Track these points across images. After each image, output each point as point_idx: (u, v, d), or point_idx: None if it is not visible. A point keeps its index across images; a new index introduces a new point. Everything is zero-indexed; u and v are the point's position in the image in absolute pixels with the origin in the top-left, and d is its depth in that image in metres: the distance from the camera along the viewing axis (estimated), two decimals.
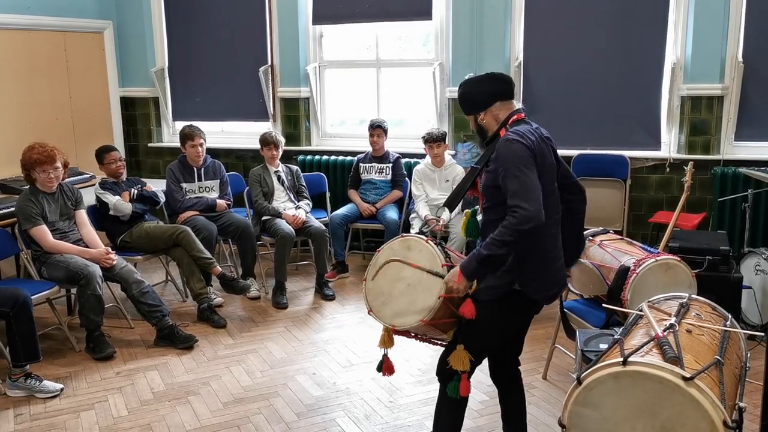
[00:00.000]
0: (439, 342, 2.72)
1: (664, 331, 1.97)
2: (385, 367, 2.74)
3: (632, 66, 5.25)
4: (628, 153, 5.29)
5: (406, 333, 2.61)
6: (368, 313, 2.59)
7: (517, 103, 2.54)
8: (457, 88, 2.65)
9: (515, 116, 2.45)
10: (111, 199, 4.58)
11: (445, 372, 2.53)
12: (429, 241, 2.55)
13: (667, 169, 5.24)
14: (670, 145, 5.29)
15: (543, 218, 2.25)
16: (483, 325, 2.44)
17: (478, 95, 2.50)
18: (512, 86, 2.52)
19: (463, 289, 2.39)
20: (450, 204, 2.71)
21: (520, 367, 2.80)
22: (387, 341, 2.64)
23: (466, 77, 2.59)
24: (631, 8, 5.19)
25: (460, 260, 2.47)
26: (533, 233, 2.26)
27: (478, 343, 2.49)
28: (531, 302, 2.50)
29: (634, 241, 3.56)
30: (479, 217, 2.58)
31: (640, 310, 2.25)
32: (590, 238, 3.60)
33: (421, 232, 2.76)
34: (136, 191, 4.71)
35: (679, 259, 3.22)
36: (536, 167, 2.32)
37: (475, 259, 2.34)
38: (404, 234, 2.70)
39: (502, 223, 2.28)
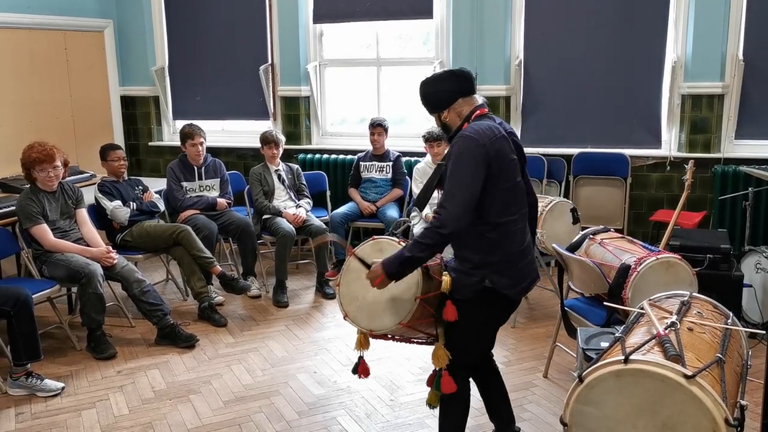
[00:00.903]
0: (417, 342, 2.71)
1: (666, 329, 1.97)
2: (361, 369, 2.72)
3: (633, 64, 5.25)
4: (628, 151, 5.28)
5: (383, 336, 2.58)
6: (344, 318, 2.57)
7: (480, 98, 2.53)
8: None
9: (478, 111, 2.46)
10: (108, 205, 4.58)
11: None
12: (401, 243, 2.52)
13: (668, 168, 5.24)
14: (670, 143, 5.29)
15: (464, 224, 2.29)
16: (466, 324, 2.46)
17: (439, 94, 2.49)
18: (473, 81, 2.52)
19: (374, 278, 2.38)
20: (420, 203, 2.71)
21: (519, 366, 2.81)
22: (363, 343, 2.61)
23: (426, 76, 2.58)
24: (631, 7, 5.19)
25: (433, 260, 2.48)
26: (454, 237, 2.31)
27: (465, 341, 2.51)
28: (506, 298, 2.51)
29: (635, 240, 3.57)
30: None
31: (641, 309, 2.25)
32: (591, 236, 3.60)
33: (392, 234, 2.74)
34: (135, 205, 4.70)
35: (679, 257, 3.21)
36: (490, 166, 2.33)
37: (397, 260, 2.35)
38: (375, 236, 2.65)
39: (426, 225, 2.33)
